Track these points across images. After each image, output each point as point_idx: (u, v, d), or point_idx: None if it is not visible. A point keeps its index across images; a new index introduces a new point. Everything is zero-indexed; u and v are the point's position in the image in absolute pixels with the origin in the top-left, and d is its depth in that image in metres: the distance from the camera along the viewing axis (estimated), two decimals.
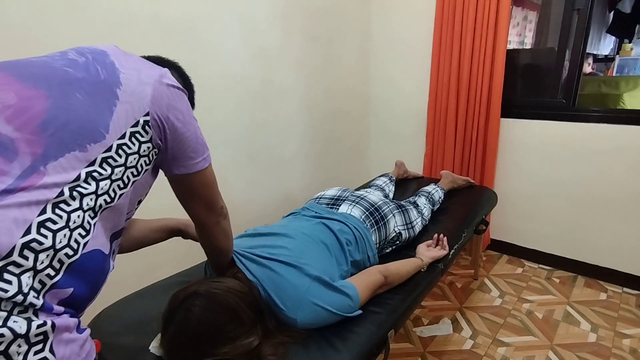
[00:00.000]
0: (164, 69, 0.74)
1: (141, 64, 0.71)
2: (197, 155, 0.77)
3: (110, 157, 0.62)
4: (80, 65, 0.64)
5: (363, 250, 1.28)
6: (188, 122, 0.73)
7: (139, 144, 0.67)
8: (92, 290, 0.64)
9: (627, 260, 2.07)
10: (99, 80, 0.63)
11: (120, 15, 1.43)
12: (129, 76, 0.67)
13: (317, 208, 1.44)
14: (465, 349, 1.68)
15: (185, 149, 0.74)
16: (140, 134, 0.67)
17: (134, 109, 0.65)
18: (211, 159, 0.81)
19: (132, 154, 0.66)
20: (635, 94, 2.61)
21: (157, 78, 0.70)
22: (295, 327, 0.97)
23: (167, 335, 0.84)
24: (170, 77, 0.73)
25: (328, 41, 2.37)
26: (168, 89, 0.70)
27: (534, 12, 2.93)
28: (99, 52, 0.68)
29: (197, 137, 0.76)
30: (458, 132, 2.35)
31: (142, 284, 1.28)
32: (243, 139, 1.99)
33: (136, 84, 0.67)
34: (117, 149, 0.63)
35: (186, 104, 0.74)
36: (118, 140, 0.63)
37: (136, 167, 0.67)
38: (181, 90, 0.74)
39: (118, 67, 0.67)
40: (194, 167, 0.77)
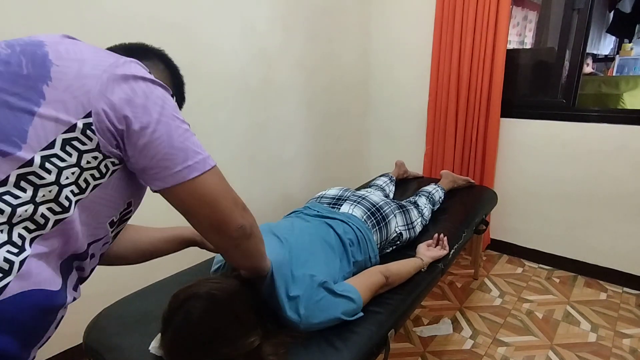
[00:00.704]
0: (126, 57, 0.59)
1: (89, 54, 0.56)
2: (174, 163, 0.58)
3: (31, 174, 0.49)
4: (1, 58, 0.52)
5: (365, 250, 1.28)
6: (156, 120, 0.56)
7: (78, 153, 0.52)
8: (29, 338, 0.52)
9: (627, 260, 2.07)
10: (19, 75, 0.51)
11: (120, 16, 1.43)
12: (64, 69, 0.53)
13: (319, 207, 1.44)
14: (465, 348, 1.68)
15: (154, 156, 0.57)
16: (80, 140, 0.52)
17: (67, 109, 0.51)
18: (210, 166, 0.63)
19: (68, 167, 0.52)
20: (635, 94, 2.62)
21: (107, 68, 0.55)
22: (298, 329, 0.97)
23: (167, 336, 0.84)
24: (131, 67, 0.57)
25: (328, 41, 2.37)
26: (125, 79, 0.55)
27: (534, 12, 2.93)
28: (32, 43, 0.55)
29: (170, 139, 0.58)
30: (458, 132, 2.35)
31: (142, 284, 1.28)
32: (243, 139, 1.99)
33: (73, 78, 0.52)
34: (42, 162, 0.49)
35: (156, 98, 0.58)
36: (43, 151, 0.50)
37: (77, 184, 0.53)
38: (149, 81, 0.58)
39: (52, 59, 0.53)
40: (171, 179, 0.59)
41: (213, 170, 0.63)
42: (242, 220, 0.68)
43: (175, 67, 0.80)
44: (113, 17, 1.41)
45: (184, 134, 0.60)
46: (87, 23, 1.35)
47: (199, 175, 0.61)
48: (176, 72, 0.80)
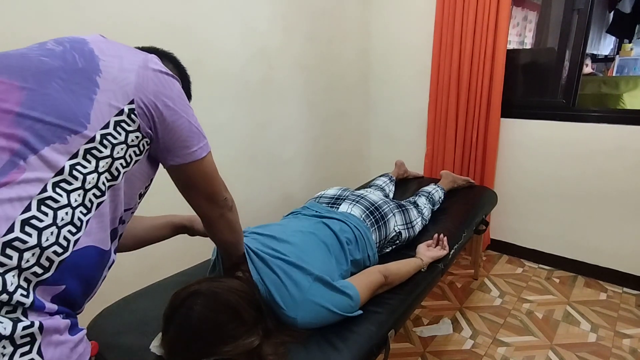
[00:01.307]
0: (151, 54, 0.70)
1: (124, 51, 0.67)
2: (192, 144, 0.73)
3: (94, 149, 0.59)
4: (57, 54, 0.61)
5: (363, 249, 1.29)
6: (180, 109, 0.70)
7: (125, 133, 0.63)
8: (87, 287, 0.62)
9: (627, 260, 2.07)
10: (76, 69, 0.60)
11: (120, 16, 1.43)
12: (109, 63, 0.63)
13: (318, 207, 1.44)
14: (465, 348, 1.68)
15: (177, 138, 0.71)
16: (127, 122, 0.63)
17: (116, 97, 0.62)
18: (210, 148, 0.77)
19: (119, 144, 0.62)
20: (635, 94, 2.62)
21: (141, 64, 0.66)
22: (296, 326, 0.97)
23: (168, 335, 0.84)
24: (157, 63, 0.69)
25: (328, 41, 2.37)
26: (155, 74, 0.67)
27: (534, 12, 2.93)
28: (78, 41, 0.65)
29: (190, 125, 0.72)
30: (458, 132, 2.35)
31: (143, 283, 1.28)
32: (243, 139, 1.99)
33: (118, 71, 0.63)
34: (101, 139, 0.60)
35: (177, 91, 0.71)
36: (101, 130, 0.60)
37: (124, 158, 0.64)
38: (170, 76, 0.70)
39: (97, 55, 0.63)
40: (189, 156, 0.73)
41: (210, 152, 0.79)
42: (226, 193, 0.85)
43: (183, 68, 0.89)
44: (113, 16, 1.41)
45: (195, 119, 0.74)
46: (87, 23, 1.35)
47: (206, 155, 0.76)
48: (184, 72, 0.89)
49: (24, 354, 0.49)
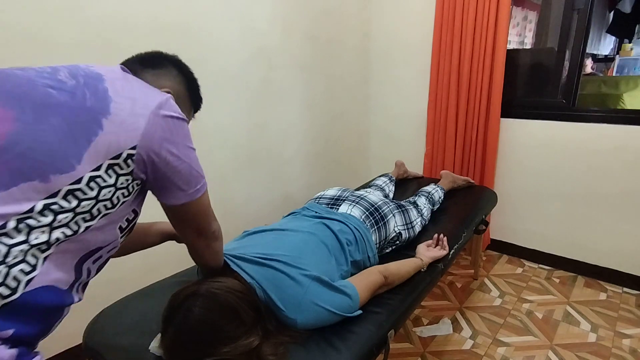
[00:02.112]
0: (166, 96, 0.69)
1: (139, 92, 0.66)
2: (190, 187, 0.72)
3: (78, 190, 0.57)
4: (66, 89, 0.59)
5: (363, 250, 1.28)
6: (183, 155, 0.69)
7: (116, 176, 0.62)
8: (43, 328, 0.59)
9: (627, 260, 2.07)
10: (82, 107, 0.58)
11: (120, 16, 1.43)
12: (120, 106, 0.61)
13: (317, 208, 1.44)
14: (465, 349, 1.68)
15: (176, 182, 0.70)
16: (120, 166, 0.61)
17: (119, 140, 0.60)
18: (206, 187, 0.77)
19: (107, 187, 0.61)
20: (635, 94, 2.62)
21: (154, 110, 0.64)
22: (295, 327, 0.97)
23: (167, 335, 0.84)
24: (170, 106, 0.68)
25: (328, 41, 2.37)
26: (165, 120, 0.65)
27: (534, 12, 2.93)
28: (93, 76, 0.63)
29: (190, 169, 0.71)
30: (458, 132, 2.35)
31: (142, 284, 1.28)
32: (243, 139, 1.99)
33: (128, 115, 0.61)
34: (88, 181, 0.58)
35: (183, 134, 0.70)
36: (91, 172, 0.58)
37: (111, 200, 0.62)
38: (180, 120, 0.69)
39: (111, 95, 0.61)
40: (185, 198, 0.73)
41: (206, 190, 0.78)
42: (215, 225, 0.85)
43: (189, 72, 0.87)
44: (113, 16, 1.41)
45: (197, 161, 0.73)
46: (87, 23, 1.35)
47: (202, 195, 0.76)
48: (190, 76, 0.87)
49: None
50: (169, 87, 0.80)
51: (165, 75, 0.81)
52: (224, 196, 1.94)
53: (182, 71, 0.85)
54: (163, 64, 0.82)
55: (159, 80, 0.79)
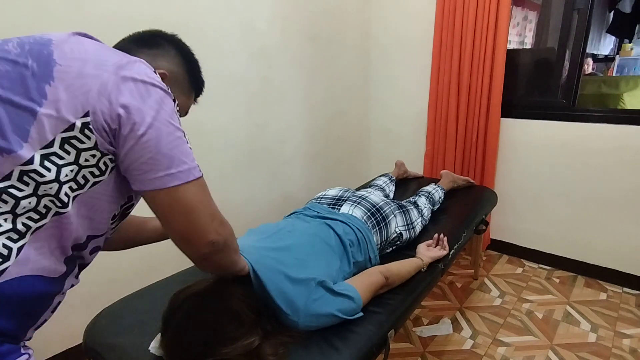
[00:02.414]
0: (134, 58, 0.60)
1: (95, 54, 0.57)
2: (157, 169, 0.58)
3: (32, 171, 0.51)
4: (9, 57, 0.53)
5: (365, 251, 1.28)
6: (149, 125, 0.57)
7: (76, 152, 0.54)
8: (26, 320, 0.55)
9: (627, 260, 2.07)
10: (24, 75, 0.52)
11: (120, 16, 1.43)
12: (66, 68, 0.54)
13: (319, 208, 1.44)
14: (465, 348, 1.68)
15: (139, 159, 0.57)
16: (78, 139, 0.54)
17: (67, 108, 0.52)
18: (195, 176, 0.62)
19: (67, 165, 0.54)
20: (635, 94, 2.62)
21: (112, 69, 0.55)
22: (297, 328, 0.97)
23: (167, 336, 0.84)
24: (135, 69, 0.58)
25: (328, 41, 2.37)
26: (125, 82, 0.56)
27: (534, 12, 2.93)
28: (40, 42, 0.56)
29: (159, 145, 0.57)
30: (459, 132, 2.35)
31: (142, 284, 1.28)
32: (243, 139, 1.99)
33: (74, 78, 0.53)
34: (41, 160, 0.51)
35: (155, 102, 0.58)
36: (42, 149, 0.52)
37: (75, 180, 0.55)
38: (150, 85, 0.58)
39: (55, 58, 0.54)
40: (152, 183, 0.58)
41: (196, 182, 0.62)
42: (215, 236, 0.67)
43: (188, 52, 0.79)
44: (112, 15, 1.41)
45: (175, 140, 0.60)
46: (87, 23, 1.35)
47: (180, 185, 0.60)
48: (189, 57, 0.79)
49: None
50: (166, 68, 0.72)
51: (162, 55, 0.74)
52: (224, 196, 1.94)
53: (181, 51, 0.78)
54: (160, 43, 0.75)
55: (154, 60, 0.71)
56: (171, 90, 0.68)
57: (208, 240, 0.66)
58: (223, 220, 0.70)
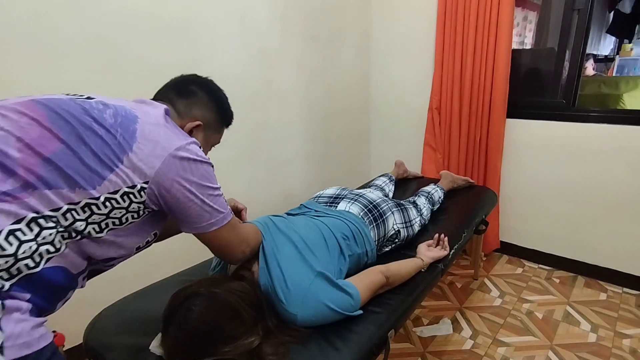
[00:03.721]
0: (189, 140, 0.80)
1: (164, 137, 0.77)
2: (201, 221, 0.82)
3: (94, 205, 0.69)
4: (106, 125, 0.72)
5: (361, 244, 1.28)
6: (195, 192, 0.79)
7: (129, 202, 0.74)
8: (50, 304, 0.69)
9: (627, 260, 2.07)
10: (113, 142, 0.71)
11: (120, 16, 1.43)
12: (142, 147, 0.74)
13: (315, 206, 1.44)
14: (465, 349, 1.68)
15: (188, 215, 0.81)
16: (135, 195, 0.74)
17: (134, 174, 0.73)
18: (227, 220, 0.86)
19: (119, 209, 0.73)
20: (635, 94, 2.62)
21: (172, 152, 0.76)
22: (295, 323, 0.97)
23: (168, 335, 0.84)
24: (189, 150, 0.78)
25: (328, 41, 2.37)
26: (181, 162, 0.76)
27: (534, 12, 2.93)
28: (130, 117, 0.76)
29: (202, 205, 0.80)
30: (462, 132, 2.34)
31: (142, 284, 1.28)
32: (243, 139, 1.99)
33: (146, 155, 0.73)
34: (104, 200, 0.70)
35: (200, 174, 0.79)
36: (108, 194, 0.70)
37: (120, 219, 0.74)
38: (198, 162, 0.79)
39: (137, 137, 0.74)
40: (198, 229, 0.83)
41: (228, 225, 0.87)
42: (242, 255, 0.98)
43: (218, 96, 0.98)
44: (113, 16, 1.41)
45: (214, 198, 0.83)
46: (87, 23, 1.35)
47: (217, 229, 0.85)
48: (219, 100, 0.98)
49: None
50: (200, 117, 0.92)
51: (195, 104, 0.92)
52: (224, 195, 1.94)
53: (212, 97, 0.96)
54: (194, 92, 0.93)
55: (190, 110, 0.91)
56: (204, 131, 0.95)
57: (238, 259, 0.99)
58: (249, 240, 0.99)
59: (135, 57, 1.50)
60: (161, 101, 0.90)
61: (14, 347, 0.58)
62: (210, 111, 0.96)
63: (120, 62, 1.46)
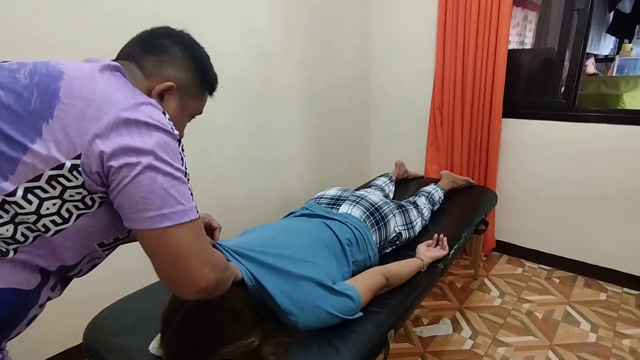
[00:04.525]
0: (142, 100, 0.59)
1: (101, 92, 0.56)
2: (148, 209, 0.56)
3: (13, 203, 0.53)
4: (16, 89, 0.53)
5: (364, 250, 1.28)
6: (149, 164, 0.56)
7: (62, 189, 0.55)
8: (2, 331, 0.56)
9: (627, 260, 2.07)
10: (25, 111, 0.52)
11: (120, 16, 1.43)
12: (67, 108, 0.54)
13: (317, 208, 1.44)
14: (465, 349, 1.68)
15: (132, 196, 0.56)
16: (66, 178, 0.54)
17: (59, 148, 0.53)
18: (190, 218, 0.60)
19: (50, 200, 0.54)
20: (635, 94, 2.62)
21: (115, 112, 0.55)
22: (296, 327, 0.97)
23: (167, 336, 0.84)
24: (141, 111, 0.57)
25: (328, 41, 2.37)
26: (127, 126, 0.55)
27: (534, 12, 2.93)
28: (51, 74, 0.56)
29: (153, 185, 0.56)
30: (464, 132, 2.34)
31: (142, 284, 1.28)
32: (243, 139, 1.99)
33: (73, 119, 0.53)
34: (24, 193, 0.53)
35: (155, 143, 0.57)
36: (27, 183, 0.53)
37: (59, 214, 0.56)
38: (153, 128, 0.57)
39: (60, 96, 0.54)
40: (142, 223, 0.57)
41: (190, 224, 0.60)
42: (206, 282, 0.63)
43: (196, 52, 0.77)
44: (113, 16, 1.41)
45: (171, 181, 0.58)
46: (87, 23, 1.35)
47: (171, 226, 0.58)
48: (196, 56, 0.76)
49: None
50: (172, 76, 0.71)
51: (167, 62, 0.71)
52: (224, 196, 1.94)
53: (188, 52, 0.75)
54: (165, 47, 0.72)
55: (161, 69, 0.70)
56: (181, 96, 0.73)
57: (198, 288, 0.62)
58: (216, 262, 0.66)
59: None
60: (122, 60, 0.69)
61: None
62: (187, 71, 0.74)
63: None
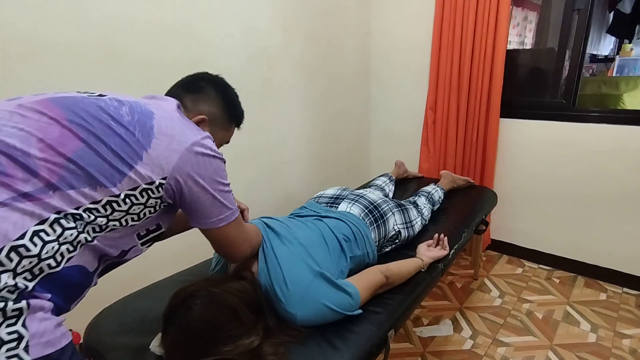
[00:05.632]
0: (203, 134, 0.81)
1: (179, 130, 0.78)
2: (212, 216, 0.83)
3: (115, 202, 0.71)
4: (123, 123, 0.73)
5: (362, 246, 1.28)
6: (208, 187, 0.80)
7: (147, 198, 0.75)
8: (66, 302, 0.70)
9: (627, 260, 2.07)
10: (132, 140, 0.73)
11: (120, 16, 1.43)
12: (159, 142, 0.75)
13: (316, 207, 1.44)
14: (465, 349, 1.68)
15: (198, 209, 0.82)
16: (152, 191, 0.75)
17: (153, 171, 0.74)
18: (235, 217, 0.87)
19: (137, 205, 0.74)
20: (635, 94, 2.62)
21: (188, 146, 0.77)
22: (295, 323, 0.97)
23: (168, 335, 0.84)
24: (204, 145, 0.79)
25: (328, 41, 2.37)
26: (196, 157, 0.78)
27: (534, 12, 2.93)
28: (146, 114, 0.77)
29: (214, 201, 0.82)
30: (459, 132, 2.35)
31: (143, 283, 1.28)
32: (243, 139, 1.98)
33: (163, 150, 0.75)
34: (124, 197, 0.72)
35: (213, 170, 0.81)
36: (128, 191, 0.72)
37: (138, 215, 0.76)
38: (212, 157, 0.81)
39: (155, 133, 0.75)
40: (207, 225, 0.84)
41: (235, 221, 0.88)
42: (245, 253, 0.98)
43: (226, 92, 0.98)
44: (113, 16, 1.41)
45: (224, 195, 0.84)
46: (88, 23, 1.35)
47: (225, 225, 0.86)
48: (227, 96, 0.98)
49: (10, 325, 0.57)
50: (205, 111, 0.92)
51: (202, 99, 0.93)
52: None
53: (219, 92, 0.96)
54: (202, 87, 0.93)
55: (197, 105, 0.92)
56: (210, 127, 0.94)
57: (241, 257, 0.98)
58: (252, 239, 1.00)
59: (137, 57, 1.50)
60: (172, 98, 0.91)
61: (39, 346, 0.59)
62: (217, 107, 0.95)
63: (122, 62, 1.46)
